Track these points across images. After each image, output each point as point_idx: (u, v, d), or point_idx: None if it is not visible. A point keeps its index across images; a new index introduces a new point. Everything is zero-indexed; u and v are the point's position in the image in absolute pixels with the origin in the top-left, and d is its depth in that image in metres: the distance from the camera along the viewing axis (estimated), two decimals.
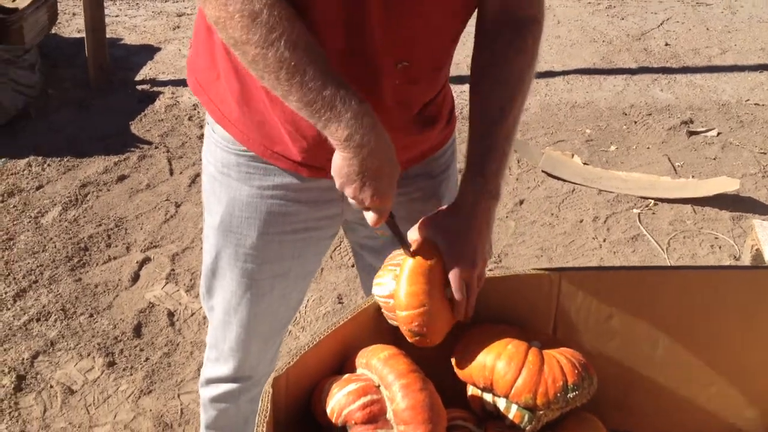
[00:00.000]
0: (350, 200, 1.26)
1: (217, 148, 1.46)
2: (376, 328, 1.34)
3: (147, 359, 2.56)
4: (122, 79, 4.24)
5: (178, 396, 2.44)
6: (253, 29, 1.13)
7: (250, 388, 1.68)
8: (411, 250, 1.31)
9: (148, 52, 4.55)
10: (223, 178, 1.46)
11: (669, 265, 3.10)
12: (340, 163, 1.22)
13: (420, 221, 1.35)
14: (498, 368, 1.32)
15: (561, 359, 1.34)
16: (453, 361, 1.39)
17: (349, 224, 1.59)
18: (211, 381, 1.70)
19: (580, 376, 1.32)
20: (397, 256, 1.36)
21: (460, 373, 1.38)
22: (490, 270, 1.45)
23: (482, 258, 1.33)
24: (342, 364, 1.36)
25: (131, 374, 2.50)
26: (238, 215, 1.47)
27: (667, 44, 4.97)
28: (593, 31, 5.10)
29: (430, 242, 1.34)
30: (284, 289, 1.56)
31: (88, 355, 2.55)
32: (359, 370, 1.32)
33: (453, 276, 1.30)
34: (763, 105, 4.33)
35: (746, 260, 3.10)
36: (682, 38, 5.05)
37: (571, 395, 1.30)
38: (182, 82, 4.26)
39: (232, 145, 1.43)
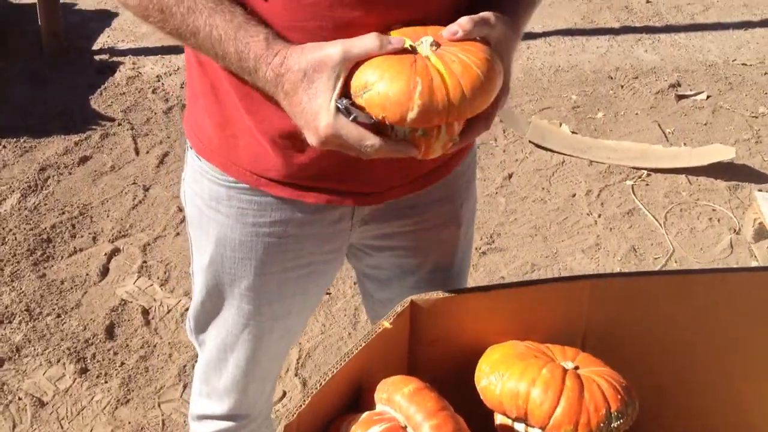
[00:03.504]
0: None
1: (204, 179, 1.26)
2: (390, 353, 1.21)
3: (122, 364, 2.37)
4: (78, 48, 3.95)
5: (159, 405, 2.25)
6: None
7: (248, 425, 1.51)
8: None
9: (105, 18, 4.25)
10: (212, 213, 1.27)
11: (669, 242, 2.98)
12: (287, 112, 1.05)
13: None
14: (533, 396, 1.18)
15: (602, 383, 1.21)
16: (479, 386, 1.25)
17: (353, 249, 1.39)
18: (203, 417, 1.52)
19: (623, 402, 1.20)
20: None
21: (488, 401, 1.24)
22: (485, 252, 1.31)
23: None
24: (356, 397, 1.21)
25: (106, 382, 2.31)
26: (230, 256, 1.28)
27: (648, 1, 4.80)
28: None
29: None
30: (285, 329, 1.39)
31: (58, 361, 2.35)
32: (379, 407, 1.17)
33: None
34: (750, 65, 4.20)
35: (747, 234, 2.99)
36: None
37: (615, 424, 1.17)
38: (143, 51, 3.98)
39: (221, 176, 1.24)
